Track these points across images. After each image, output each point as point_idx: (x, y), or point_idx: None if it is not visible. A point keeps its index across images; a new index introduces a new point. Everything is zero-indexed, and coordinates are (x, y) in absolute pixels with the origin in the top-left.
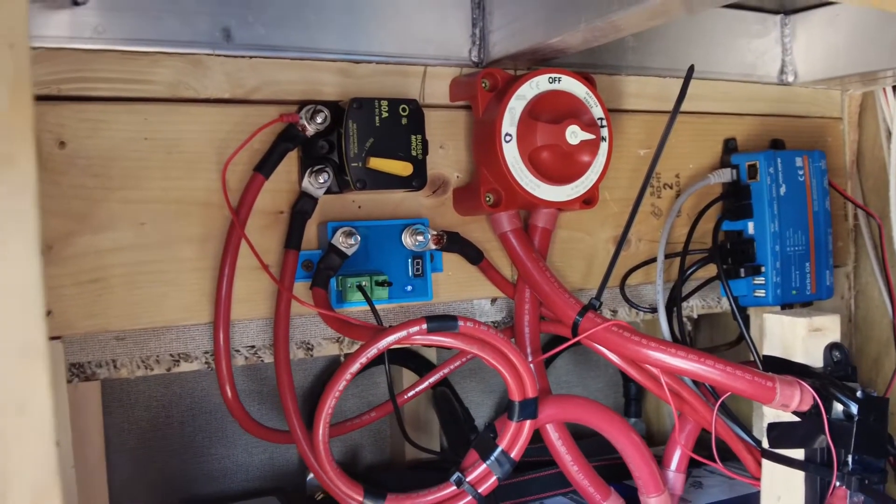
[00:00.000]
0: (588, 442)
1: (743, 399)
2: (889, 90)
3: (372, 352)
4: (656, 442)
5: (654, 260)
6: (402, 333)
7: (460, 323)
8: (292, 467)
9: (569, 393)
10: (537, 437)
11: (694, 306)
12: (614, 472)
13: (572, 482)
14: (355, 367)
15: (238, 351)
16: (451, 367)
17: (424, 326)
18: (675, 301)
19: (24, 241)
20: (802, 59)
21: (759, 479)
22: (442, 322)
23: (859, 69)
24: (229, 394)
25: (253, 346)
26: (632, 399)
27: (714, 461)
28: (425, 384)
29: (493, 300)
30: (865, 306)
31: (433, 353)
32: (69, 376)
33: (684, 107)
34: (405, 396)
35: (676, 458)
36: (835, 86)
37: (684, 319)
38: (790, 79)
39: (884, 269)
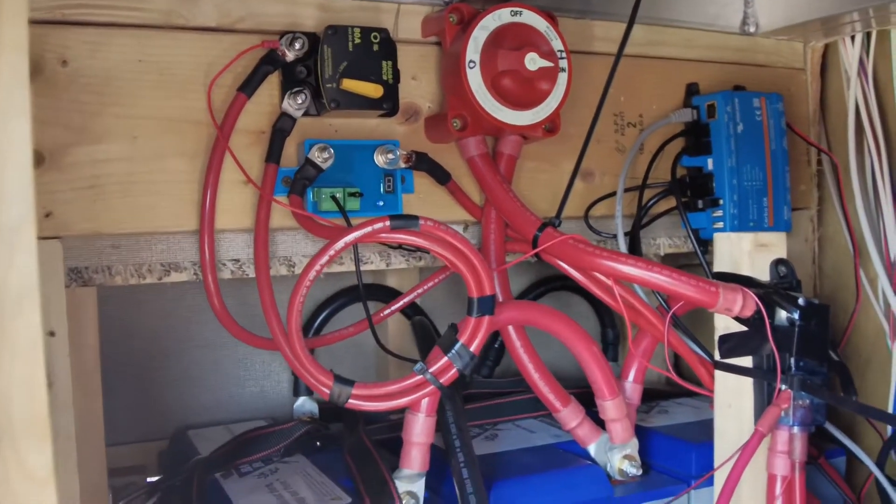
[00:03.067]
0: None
1: None
2: (848, 40)
3: (340, 245)
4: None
5: (615, 193)
6: (367, 230)
7: (421, 221)
8: (282, 399)
9: (548, 344)
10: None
11: (661, 244)
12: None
13: (533, 388)
14: (324, 258)
15: (224, 264)
16: (425, 287)
17: (388, 224)
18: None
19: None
20: (764, 10)
21: (712, 391)
22: (404, 220)
23: (816, 15)
24: (216, 300)
25: (238, 260)
26: (609, 344)
27: (668, 371)
28: (400, 303)
29: (465, 226)
30: (830, 249)
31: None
32: (67, 280)
33: (650, 52)
34: (382, 314)
35: (634, 370)
36: (797, 37)
37: (651, 255)
38: (752, 29)
39: (843, 209)
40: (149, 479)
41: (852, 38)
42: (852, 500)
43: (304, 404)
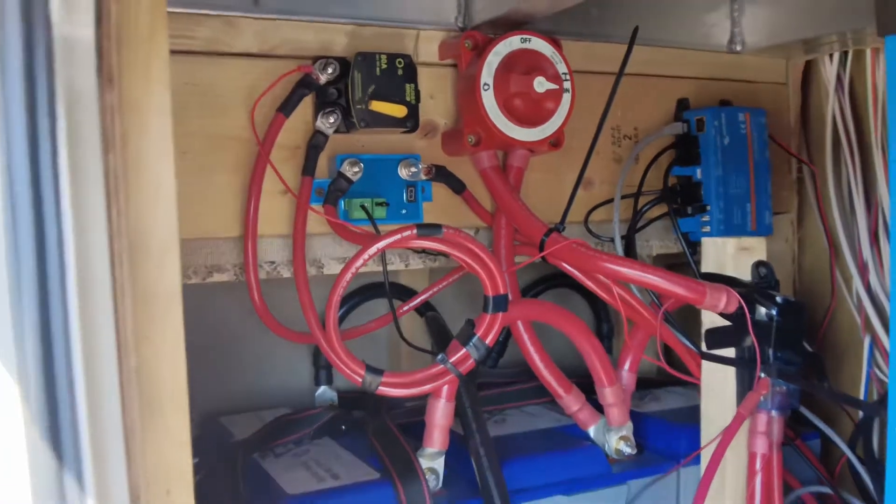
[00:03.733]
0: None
1: None
2: (828, 59)
3: (373, 250)
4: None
5: (613, 200)
6: (397, 237)
7: (444, 229)
8: (303, 389)
9: (550, 339)
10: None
11: (653, 245)
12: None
13: (538, 376)
14: (359, 262)
15: (261, 266)
16: (441, 285)
17: (415, 231)
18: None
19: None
20: (750, 30)
21: (699, 379)
22: (429, 229)
23: (798, 36)
24: (257, 298)
25: (273, 262)
26: (603, 337)
27: (660, 361)
28: (418, 300)
29: (476, 230)
30: (809, 249)
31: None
32: None
33: (646, 70)
34: (401, 310)
35: (629, 360)
36: (780, 54)
37: (644, 255)
38: (738, 48)
39: (821, 213)
40: None
41: (831, 56)
42: (826, 478)
43: (324, 393)
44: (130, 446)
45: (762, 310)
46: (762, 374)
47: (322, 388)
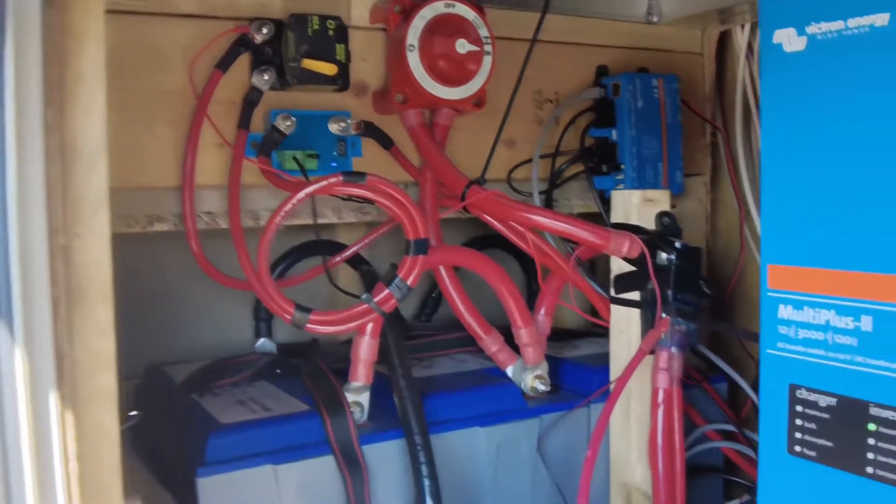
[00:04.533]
0: None
1: None
2: (739, 28)
3: (301, 195)
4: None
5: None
6: (324, 183)
7: (368, 177)
8: (246, 342)
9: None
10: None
11: (574, 204)
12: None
13: (459, 317)
14: (289, 206)
15: (200, 216)
16: (369, 238)
17: (341, 178)
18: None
19: None
20: (666, 2)
21: (608, 321)
22: (354, 176)
23: (712, 6)
24: (195, 246)
25: (211, 213)
26: (533, 294)
27: (572, 305)
28: (350, 251)
29: (406, 186)
30: (722, 209)
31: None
32: None
33: (568, 39)
34: (334, 261)
35: (545, 305)
36: (696, 25)
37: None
38: (655, 19)
39: (731, 175)
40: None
41: (743, 26)
42: (731, 417)
43: (264, 345)
44: (58, 320)
45: (663, 255)
46: (663, 315)
47: (262, 340)
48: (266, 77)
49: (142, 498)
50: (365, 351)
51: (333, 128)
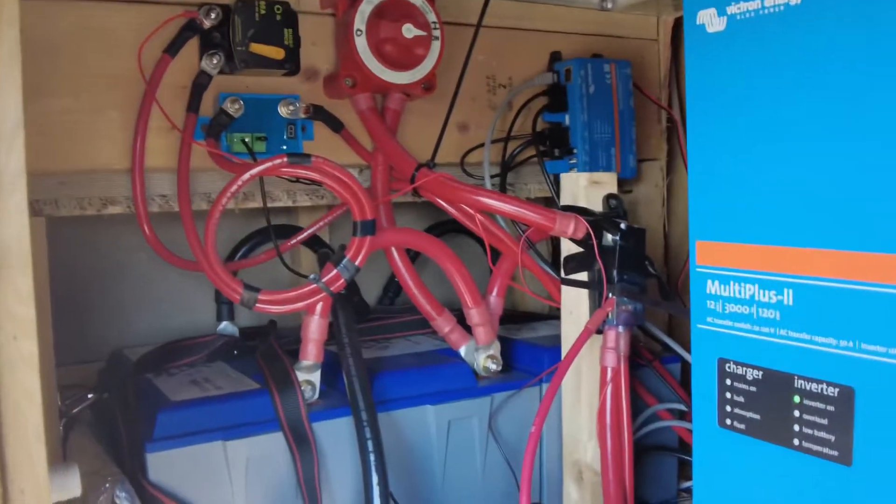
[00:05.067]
0: None
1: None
2: None
3: (246, 176)
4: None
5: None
6: (269, 164)
7: (314, 158)
8: (208, 326)
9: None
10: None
11: (531, 189)
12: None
13: (411, 298)
14: (234, 187)
15: (153, 199)
16: (323, 222)
17: (286, 160)
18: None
19: None
20: None
21: (559, 302)
22: (299, 157)
23: None
24: (147, 229)
25: (164, 195)
26: None
27: (523, 286)
28: (304, 234)
29: (360, 170)
30: (680, 194)
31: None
32: None
33: (519, 24)
34: (288, 244)
35: (497, 286)
36: (650, 12)
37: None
38: (609, 6)
39: (685, 161)
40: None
41: None
42: (683, 396)
43: (226, 328)
44: None
45: (608, 236)
46: (610, 294)
47: (224, 324)
48: (215, 61)
49: (93, 472)
50: (314, 330)
51: (283, 111)
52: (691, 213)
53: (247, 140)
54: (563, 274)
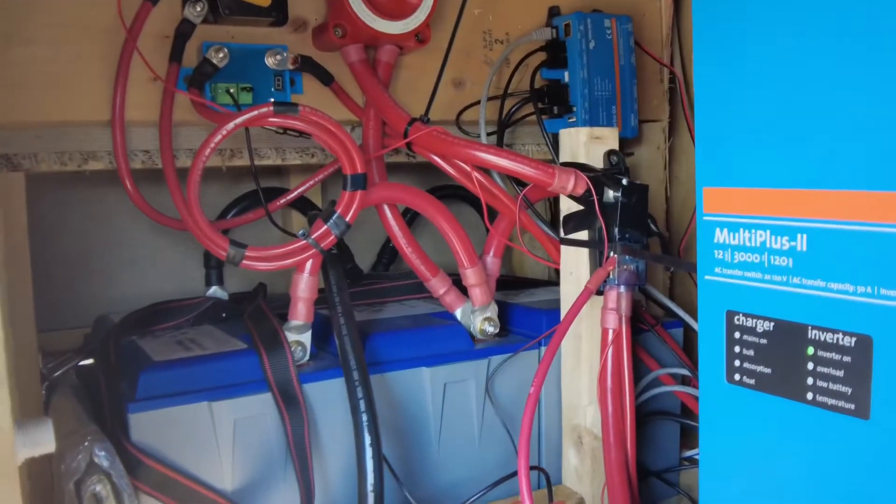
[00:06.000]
0: None
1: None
2: None
3: (230, 125)
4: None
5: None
6: (254, 113)
7: (301, 108)
8: (197, 291)
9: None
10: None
11: (530, 150)
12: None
13: (404, 258)
14: (218, 137)
15: (136, 154)
16: (313, 181)
17: (272, 108)
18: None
19: None
20: None
21: (558, 263)
22: (286, 106)
23: None
24: (129, 185)
25: (147, 151)
26: None
27: (521, 246)
28: (293, 195)
29: (353, 127)
30: (683, 157)
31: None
32: None
33: None
34: (277, 204)
35: (494, 246)
36: None
37: None
38: None
39: (688, 121)
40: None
41: None
42: (686, 361)
43: (215, 293)
44: None
45: (609, 192)
46: (611, 253)
47: (213, 289)
48: (198, 9)
49: (72, 431)
50: (304, 289)
51: (270, 61)
52: (698, 159)
53: (232, 90)
54: (562, 233)
